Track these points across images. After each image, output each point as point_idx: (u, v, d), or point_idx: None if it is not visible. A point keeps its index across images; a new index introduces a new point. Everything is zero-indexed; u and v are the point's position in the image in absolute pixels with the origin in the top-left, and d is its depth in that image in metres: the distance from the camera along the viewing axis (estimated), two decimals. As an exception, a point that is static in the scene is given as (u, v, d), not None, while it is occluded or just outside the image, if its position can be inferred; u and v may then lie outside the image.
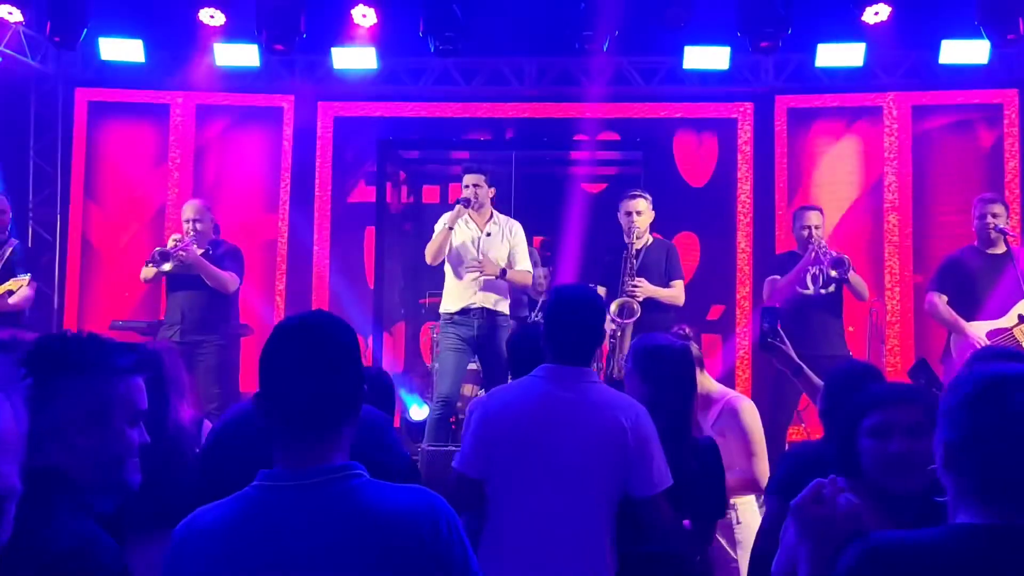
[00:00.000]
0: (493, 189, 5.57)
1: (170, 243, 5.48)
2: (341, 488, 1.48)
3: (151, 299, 7.28)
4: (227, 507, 1.51)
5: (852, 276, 5.47)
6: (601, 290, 5.54)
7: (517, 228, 5.57)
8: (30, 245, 7.77)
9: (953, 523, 1.37)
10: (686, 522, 2.72)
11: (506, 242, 5.47)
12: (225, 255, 5.64)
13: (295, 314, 1.68)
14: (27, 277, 5.36)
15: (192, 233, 5.53)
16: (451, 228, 5.31)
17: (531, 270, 5.67)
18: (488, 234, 5.43)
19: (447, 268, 5.47)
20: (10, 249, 5.45)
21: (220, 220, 7.21)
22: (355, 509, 1.47)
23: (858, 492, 1.87)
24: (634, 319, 5.23)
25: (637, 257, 5.41)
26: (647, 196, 5.53)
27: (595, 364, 5.54)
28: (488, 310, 5.34)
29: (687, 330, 3.70)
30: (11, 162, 7.67)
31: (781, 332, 3.17)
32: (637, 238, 5.43)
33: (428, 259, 5.41)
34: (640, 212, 5.44)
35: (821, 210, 5.82)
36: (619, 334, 5.29)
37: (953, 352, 5.04)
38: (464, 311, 5.31)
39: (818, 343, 5.21)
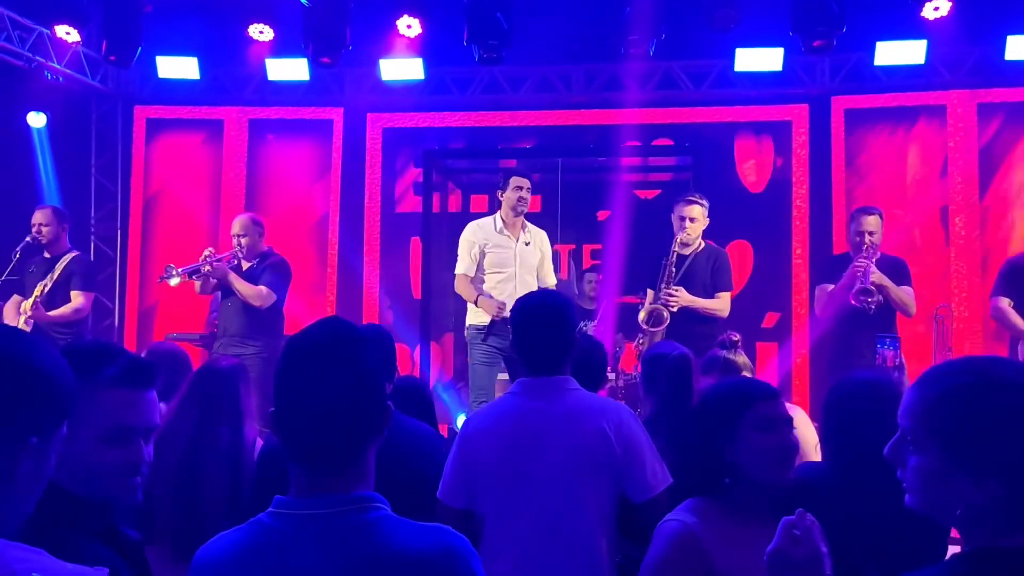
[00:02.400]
0: (535, 196, 5.52)
1: (201, 257, 5.53)
2: (356, 522, 1.37)
3: (207, 311, 7.41)
4: (241, 534, 1.42)
5: (895, 293, 5.20)
6: (651, 294, 5.43)
7: (546, 237, 5.50)
8: (92, 260, 8.02)
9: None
10: None
11: (539, 251, 5.41)
12: (266, 269, 5.63)
13: (314, 325, 1.51)
14: (80, 295, 5.50)
15: (238, 247, 5.56)
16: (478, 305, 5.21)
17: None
18: (527, 243, 5.34)
19: (484, 279, 5.35)
20: (65, 262, 5.58)
21: (271, 232, 7.31)
22: (368, 546, 1.36)
23: (737, 493, 1.95)
24: (663, 327, 5.08)
25: (679, 264, 5.26)
26: (704, 202, 5.34)
27: (612, 374, 5.45)
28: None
29: (736, 337, 3.56)
30: (74, 179, 7.91)
31: (903, 358, 3.00)
32: (684, 244, 5.29)
33: (458, 290, 5.34)
34: (694, 219, 5.27)
35: (881, 213, 5.45)
36: (643, 342, 5.15)
37: (1020, 359, 4.79)
38: (502, 322, 5.17)
39: (869, 357, 5.03)
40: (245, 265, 5.61)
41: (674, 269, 5.21)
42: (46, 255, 5.67)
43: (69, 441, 1.36)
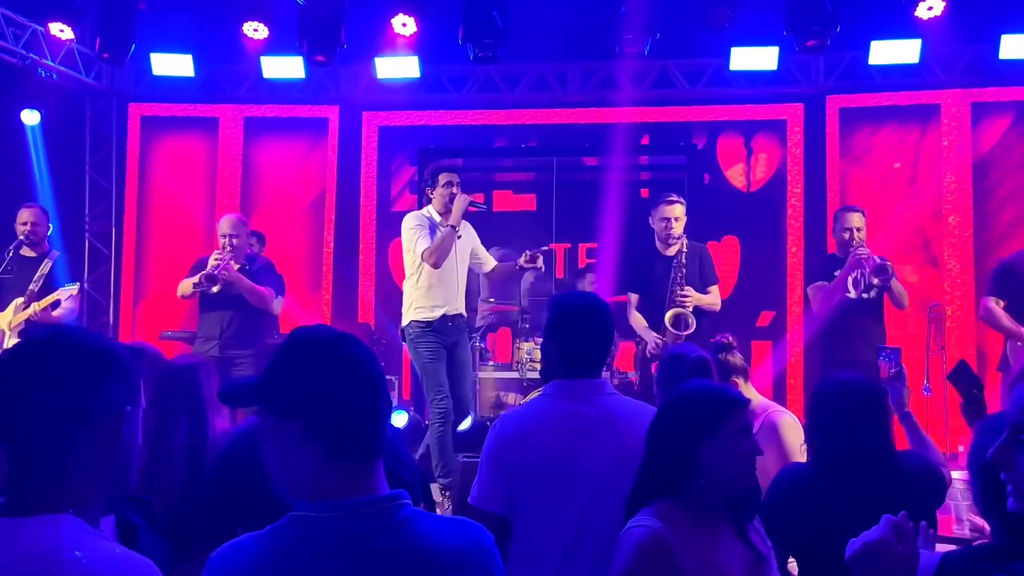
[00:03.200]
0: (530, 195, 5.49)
1: (211, 261, 5.39)
2: (392, 520, 1.38)
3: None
4: (266, 539, 1.38)
5: (894, 284, 5.32)
6: (633, 297, 5.47)
7: (471, 228, 5.42)
8: (86, 258, 8.01)
9: None
10: None
11: (469, 243, 5.36)
12: (260, 270, 5.59)
13: (311, 327, 1.51)
14: (75, 287, 5.46)
15: (229, 248, 5.48)
16: (455, 228, 5.07)
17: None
18: (459, 236, 5.22)
19: (422, 274, 5.15)
20: (50, 264, 5.54)
21: (267, 231, 7.33)
22: (407, 544, 1.37)
23: (703, 496, 1.97)
24: (690, 331, 5.10)
25: (670, 264, 5.30)
26: (683, 201, 5.41)
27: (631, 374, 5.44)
28: (462, 315, 5.23)
29: (730, 339, 3.57)
30: (68, 176, 7.89)
31: (903, 371, 3.02)
32: (668, 244, 5.32)
33: (432, 262, 5.03)
34: (678, 218, 5.30)
35: (863, 211, 5.57)
36: (662, 346, 5.16)
37: (1011, 360, 4.81)
38: (444, 317, 5.12)
39: (859, 348, 5.12)
40: (235, 266, 5.56)
41: (684, 271, 5.22)
42: (28, 254, 5.57)
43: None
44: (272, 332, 5.93)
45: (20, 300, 5.40)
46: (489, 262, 5.51)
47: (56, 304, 5.41)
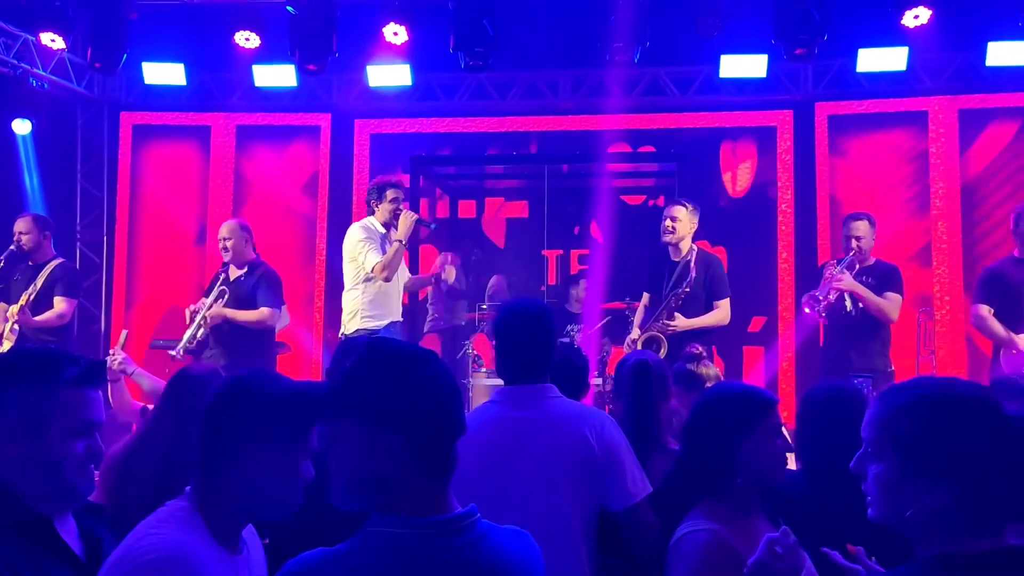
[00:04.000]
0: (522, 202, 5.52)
1: (188, 315, 5.32)
2: (471, 537, 1.41)
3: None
4: (356, 553, 1.36)
5: (872, 300, 5.28)
6: (645, 298, 5.50)
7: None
8: (77, 266, 7.99)
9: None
10: None
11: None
12: (259, 284, 5.50)
13: (383, 343, 1.50)
14: (63, 300, 5.50)
15: (225, 252, 5.49)
16: (403, 243, 5.15)
17: None
18: (401, 242, 5.31)
19: (367, 285, 5.21)
20: (50, 269, 5.57)
21: (259, 239, 7.31)
22: (487, 559, 1.41)
23: (742, 493, 2.04)
24: (661, 352, 5.10)
25: (672, 270, 5.29)
26: (688, 205, 5.36)
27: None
28: (400, 323, 5.34)
29: (698, 350, 3.57)
30: (59, 186, 7.89)
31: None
32: (672, 246, 5.32)
33: (384, 276, 5.10)
34: (678, 219, 5.27)
35: (870, 218, 5.50)
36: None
37: (1004, 367, 4.85)
38: (391, 325, 5.23)
39: (860, 360, 5.14)
40: (234, 273, 5.54)
41: (681, 301, 5.20)
42: (30, 263, 5.68)
43: (37, 437, 1.54)
44: (270, 338, 5.90)
45: (15, 308, 5.42)
46: (405, 273, 5.65)
47: (36, 312, 5.43)
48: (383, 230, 5.31)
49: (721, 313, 5.27)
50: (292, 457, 1.60)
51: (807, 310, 5.31)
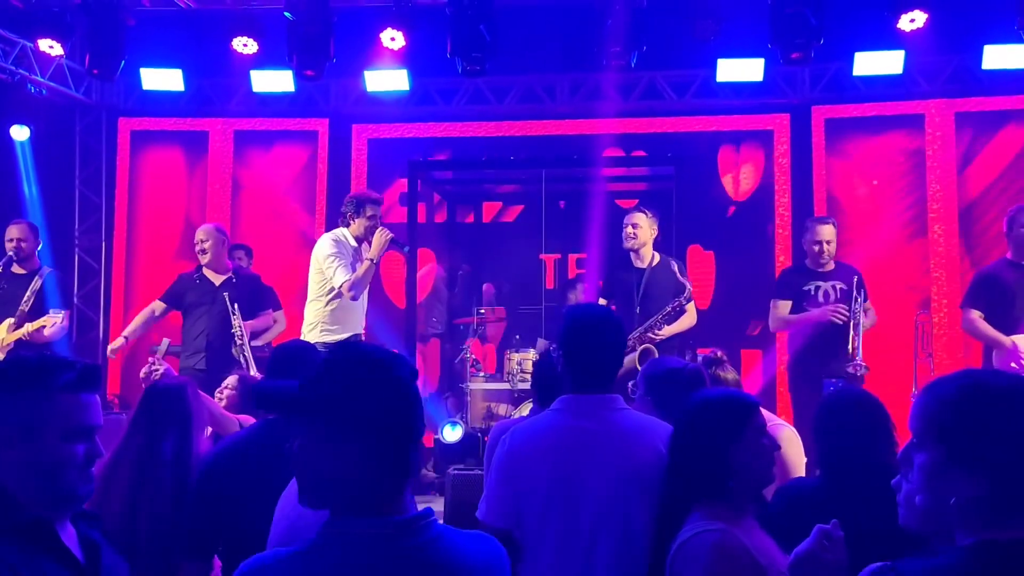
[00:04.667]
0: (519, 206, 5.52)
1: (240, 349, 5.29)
2: (423, 540, 1.41)
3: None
4: (312, 553, 1.39)
5: (867, 325, 5.27)
6: (602, 302, 5.56)
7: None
8: (76, 273, 8.00)
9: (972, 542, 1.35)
10: None
11: None
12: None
13: (347, 347, 1.53)
14: (62, 313, 5.44)
15: (204, 255, 5.50)
16: (374, 262, 5.07)
17: None
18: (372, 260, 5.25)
19: (332, 298, 5.16)
20: (40, 281, 5.52)
21: (256, 244, 7.34)
22: (440, 561, 1.41)
23: (736, 495, 2.08)
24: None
25: (639, 280, 5.37)
26: (648, 212, 5.46)
27: None
28: (361, 336, 5.33)
29: (720, 354, 3.57)
30: (58, 192, 7.90)
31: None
32: (634, 253, 5.41)
33: (351, 295, 5.04)
34: (637, 225, 5.37)
35: (834, 223, 5.51)
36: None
37: (995, 365, 4.86)
38: (352, 339, 5.12)
39: (834, 362, 5.10)
40: (217, 279, 5.52)
41: (670, 311, 5.28)
42: (18, 271, 5.55)
43: (34, 441, 1.56)
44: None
45: (11, 320, 5.38)
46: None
47: (44, 325, 5.40)
48: (355, 244, 5.20)
49: (690, 318, 5.42)
50: None
51: (859, 374, 5.04)
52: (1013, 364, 4.76)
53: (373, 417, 1.40)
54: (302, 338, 5.19)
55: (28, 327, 5.35)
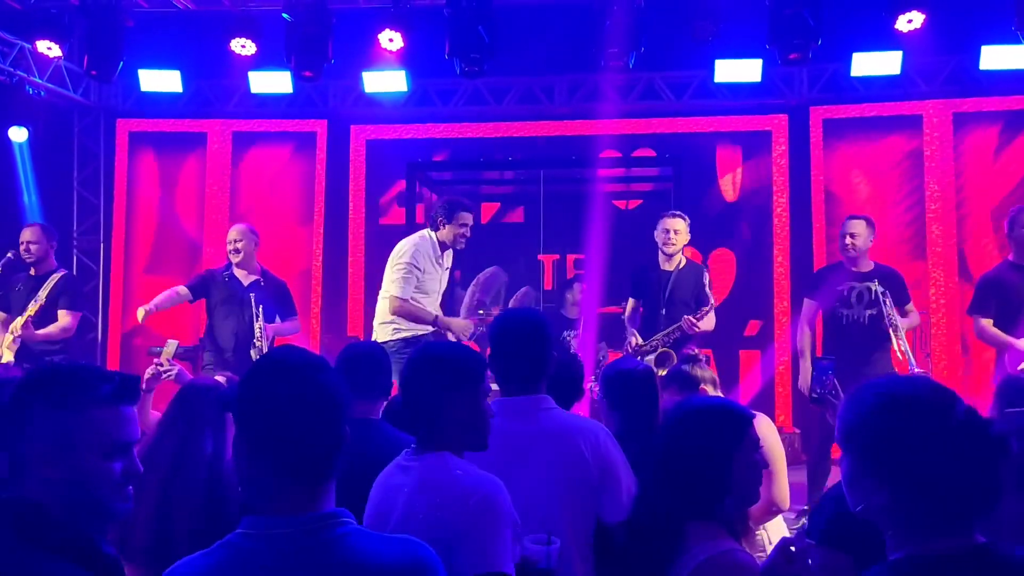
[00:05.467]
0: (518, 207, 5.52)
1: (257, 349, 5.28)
2: (327, 538, 1.42)
3: (191, 325, 7.39)
4: (212, 557, 1.44)
5: (911, 325, 5.26)
6: (631, 303, 5.60)
7: (451, 252, 5.39)
8: (75, 274, 7.99)
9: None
10: None
11: (447, 273, 5.41)
12: (282, 296, 5.67)
13: (274, 351, 1.61)
14: (71, 315, 5.49)
15: (238, 255, 5.56)
16: (439, 319, 5.08)
17: None
18: (447, 268, 5.26)
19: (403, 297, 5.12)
20: (53, 281, 5.52)
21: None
22: (340, 561, 1.40)
23: (731, 513, 2.00)
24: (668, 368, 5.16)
25: (666, 281, 5.41)
26: (686, 217, 5.50)
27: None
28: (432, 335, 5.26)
29: (696, 351, 3.58)
30: (56, 193, 7.90)
31: (837, 386, 3.02)
32: (667, 258, 5.43)
33: (393, 309, 5.01)
34: (678, 231, 5.41)
35: (868, 220, 5.40)
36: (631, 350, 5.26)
37: (1008, 367, 4.86)
38: (418, 338, 5.05)
39: (862, 364, 5.01)
40: (246, 279, 5.55)
41: (702, 318, 5.29)
42: (32, 273, 5.57)
43: (69, 458, 1.50)
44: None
45: (20, 320, 5.37)
46: (444, 283, 5.54)
47: (39, 324, 5.38)
48: (439, 251, 5.13)
49: (710, 320, 5.43)
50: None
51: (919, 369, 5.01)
52: (1021, 366, 4.75)
53: (269, 420, 1.43)
54: (373, 333, 5.20)
55: (17, 322, 5.33)
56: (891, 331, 5.00)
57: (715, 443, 1.98)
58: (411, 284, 5.02)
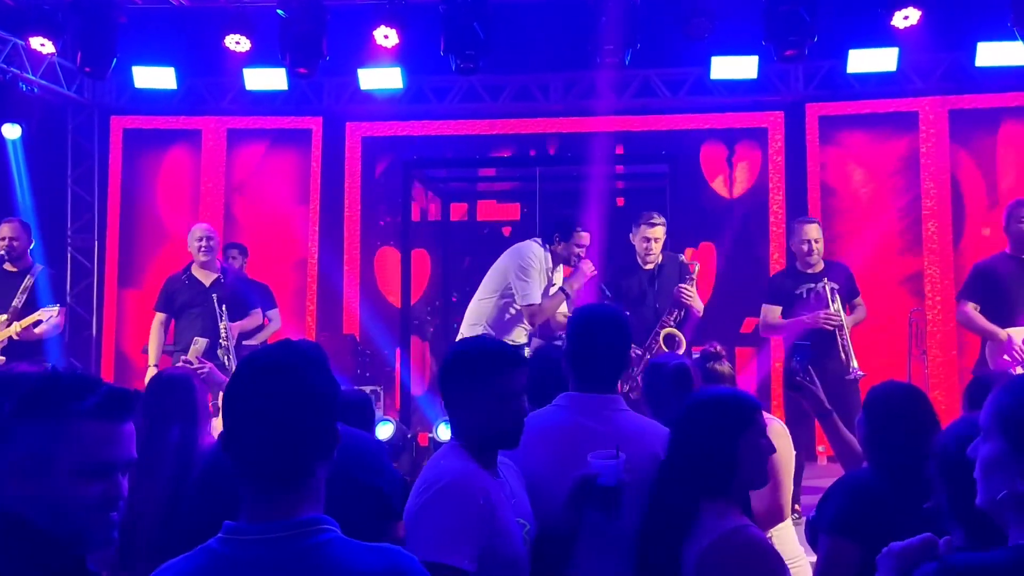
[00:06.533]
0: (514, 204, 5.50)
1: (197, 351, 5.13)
2: (306, 545, 1.38)
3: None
4: (189, 562, 1.40)
5: (858, 319, 5.38)
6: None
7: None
8: (68, 272, 7.96)
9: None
10: None
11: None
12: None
13: (264, 348, 1.56)
14: (56, 308, 5.40)
15: (211, 252, 5.62)
16: (570, 296, 5.10)
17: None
18: (554, 284, 5.28)
19: (505, 302, 5.19)
20: (32, 279, 5.48)
21: (251, 243, 7.32)
22: (316, 570, 1.37)
23: (736, 494, 2.10)
24: (681, 350, 5.14)
25: (651, 278, 5.40)
26: (664, 221, 5.47)
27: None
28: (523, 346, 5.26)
29: (718, 347, 3.57)
30: (50, 190, 7.86)
31: (811, 371, 3.01)
32: (648, 261, 5.42)
33: (532, 321, 5.06)
34: (658, 239, 5.39)
35: (819, 222, 5.56)
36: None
37: (989, 361, 4.87)
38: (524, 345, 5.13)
39: (831, 364, 5.07)
40: (209, 277, 5.58)
41: (683, 313, 5.30)
42: (9, 268, 5.50)
43: (42, 475, 1.36)
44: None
45: (3, 317, 5.34)
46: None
47: (38, 322, 5.35)
48: (550, 264, 5.15)
49: (698, 301, 5.46)
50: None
51: (853, 377, 5.09)
52: (1006, 356, 4.76)
53: (258, 426, 1.39)
54: (460, 334, 5.13)
55: (16, 325, 5.30)
56: (836, 330, 5.12)
57: (724, 424, 2.13)
58: (539, 291, 5.03)
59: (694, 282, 5.34)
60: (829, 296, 5.21)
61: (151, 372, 5.32)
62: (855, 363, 5.09)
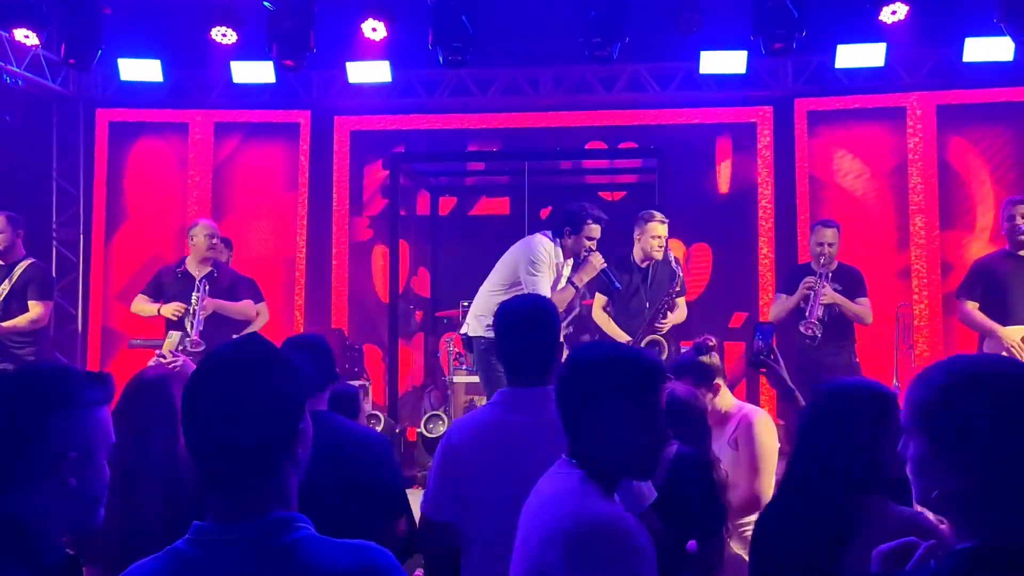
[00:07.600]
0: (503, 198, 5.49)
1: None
2: (275, 544, 1.36)
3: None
4: (157, 563, 1.39)
5: (850, 308, 5.52)
6: (600, 299, 5.61)
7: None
8: (54, 266, 7.89)
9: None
10: (691, 544, 2.60)
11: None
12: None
13: (226, 345, 1.52)
14: (41, 305, 5.42)
15: (212, 249, 5.65)
16: (579, 289, 5.07)
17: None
18: (565, 277, 5.19)
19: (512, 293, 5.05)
20: (21, 269, 5.44)
21: (238, 237, 7.29)
22: (287, 569, 1.35)
23: None
24: (663, 356, 5.16)
25: (645, 275, 5.44)
26: (665, 219, 5.49)
27: None
28: None
29: (711, 342, 3.56)
30: (35, 184, 7.79)
31: (775, 350, 3.02)
32: (646, 258, 5.46)
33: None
34: (664, 236, 5.43)
35: (839, 227, 5.70)
36: None
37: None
38: None
39: (829, 358, 5.34)
40: (202, 270, 5.61)
41: (673, 301, 5.40)
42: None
43: (86, 467, 1.43)
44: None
45: None
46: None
47: (7, 314, 5.32)
48: (559, 259, 4.99)
49: (682, 311, 5.52)
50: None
51: (809, 333, 5.39)
52: (1005, 352, 4.80)
53: (219, 426, 1.37)
54: (466, 325, 5.05)
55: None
56: (813, 296, 5.44)
57: (871, 418, 2.09)
58: (548, 283, 4.90)
59: (678, 294, 5.43)
60: (819, 285, 5.44)
61: (170, 338, 5.28)
62: (819, 332, 5.39)
